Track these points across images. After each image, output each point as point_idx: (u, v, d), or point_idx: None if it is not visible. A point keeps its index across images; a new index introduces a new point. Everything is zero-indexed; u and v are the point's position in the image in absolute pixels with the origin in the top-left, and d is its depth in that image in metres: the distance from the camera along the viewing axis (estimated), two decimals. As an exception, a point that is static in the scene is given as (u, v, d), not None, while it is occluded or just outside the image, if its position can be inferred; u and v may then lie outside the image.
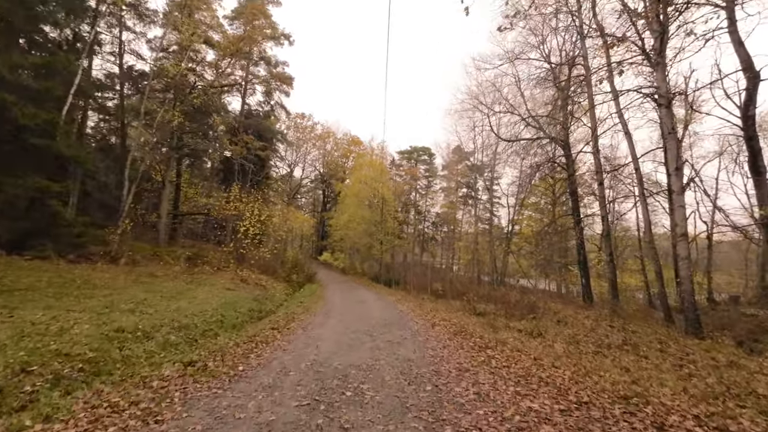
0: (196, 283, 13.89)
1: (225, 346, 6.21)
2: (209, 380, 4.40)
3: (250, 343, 6.58)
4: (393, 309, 12.32)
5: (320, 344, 6.72)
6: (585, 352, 7.98)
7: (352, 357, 5.90)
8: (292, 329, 8.04)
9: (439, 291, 18.93)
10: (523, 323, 11.50)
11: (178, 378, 4.40)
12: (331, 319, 9.76)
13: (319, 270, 27.77)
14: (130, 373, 4.58)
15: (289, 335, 7.44)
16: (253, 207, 17.49)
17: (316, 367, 5.20)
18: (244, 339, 6.82)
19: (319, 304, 12.76)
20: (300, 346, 6.51)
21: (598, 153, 17.57)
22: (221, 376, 4.60)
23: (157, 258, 16.72)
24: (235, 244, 16.99)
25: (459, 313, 12.72)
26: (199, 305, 10.59)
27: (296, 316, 10.03)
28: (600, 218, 28.93)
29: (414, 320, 10.15)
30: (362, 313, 11.06)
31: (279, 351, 6.12)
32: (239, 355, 5.70)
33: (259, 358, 5.62)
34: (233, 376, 4.63)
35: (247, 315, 11.41)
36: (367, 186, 22.61)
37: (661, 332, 10.99)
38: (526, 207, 32.73)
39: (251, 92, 24.59)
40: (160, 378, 4.36)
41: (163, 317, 8.81)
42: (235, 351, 5.92)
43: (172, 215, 22.25)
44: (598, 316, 13.93)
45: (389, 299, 15.28)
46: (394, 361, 5.75)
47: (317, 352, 6.15)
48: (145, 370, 4.87)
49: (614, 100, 15.12)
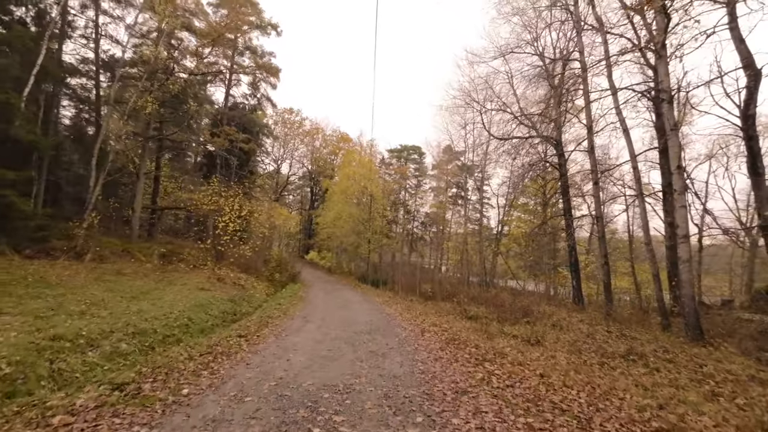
0: (166, 282, 12.68)
1: (176, 359, 5.13)
2: (135, 412, 3.33)
3: (207, 354, 5.50)
4: (379, 312, 11.32)
5: (292, 356, 5.69)
6: (590, 364, 7.14)
7: (327, 373, 4.89)
8: (263, 336, 6.98)
9: (429, 292, 18.02)
10: (518, 328, 10.66)
11: (93, 410, 3.32)
12: (309, 323, 8.71)
13: (304, 269, 26.60)
14: (33, 401, 3.47)
15: (258, 344, 6.38)
16: (233, 202, 16.31)
17: (281, 390, 4.17)
18: (203, 349, 5.74)
19: (299, 306, 11.69)
20: (267, 359, 5.47)
21: (594, 151, 16.86)
22: (155, 404, 3.54)
23: (128, 255, 15.41)
24: (213, 240, 15.78)
25: (450, 317, 11.79)
26: (165, 307, 9.44)
27: (271, 320, 8.95)
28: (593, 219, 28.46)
29: (402, 325, 9.17)
30: (345, 317, 10.03)
31: (241, 366, 5.07)
32: (189, 372, 4.63)
33: (214, 376, 4.56)
34: (171, 405, 3.58)
35: (220, 318, 10.30)
36: (355, 182, 21.50)
37: (662, 339, 10.27)
38: (516, 208, 32.11)
39: (236, 83, 23.34)
40: (69, 410, 3.27)
41: (118, 321, 7.66)
42: (186, 366, 4.84)
43: (150, 210, 20.89)
44: (593, 320, 13.24)
45: (375, 301, 14.27)
46: (377, 379, 4.76)
47: (287, 367, 5.12)
48: (61, 394, 3.78)
49: (612, 95, 14.39)
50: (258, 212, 17.17)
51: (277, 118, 33.38)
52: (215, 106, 22.27)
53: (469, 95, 23.21)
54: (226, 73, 22.49)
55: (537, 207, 31.19)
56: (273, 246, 32.15)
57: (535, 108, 22.14)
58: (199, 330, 8.81)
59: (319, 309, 11.22)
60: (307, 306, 11.76)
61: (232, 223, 16.10)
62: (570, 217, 20.98)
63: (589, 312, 16.07)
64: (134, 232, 17.09)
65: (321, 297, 14.33)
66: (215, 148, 19.07)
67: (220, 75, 21.90)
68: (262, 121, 24.83)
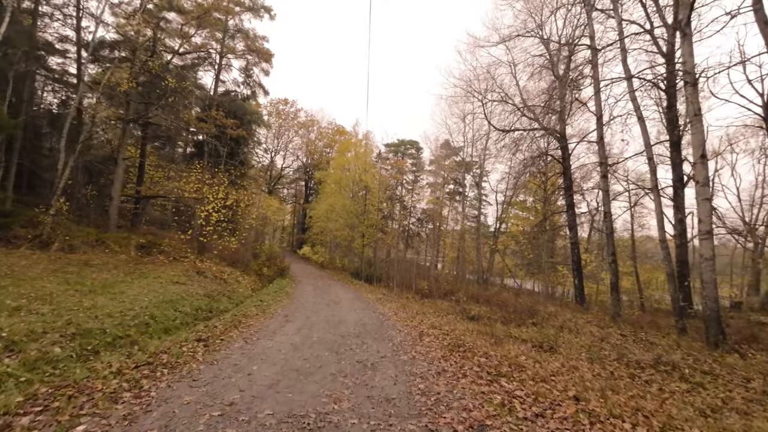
0: (137, 274, 11.31)
1: (99, 373, 3.82)
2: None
3: (145, 366, 4.19)
4: (371, 311, 10.04)
5: (257, 369, 4.40)
6: (618, 376, 5.95)
7: (297, 395, 3.61)
8: (229, 340, 5.67)
9: (425, 290, 16.77)
10: (525, 331, 9.45)
11: None
12: (290, 323, 7.41)
13: (296, 264, 25.26)
14: None
15: (219, 351, 5.08)
16: (218, 190, 14.94)
17: (224, 425, 2.89)
18: (143, 358, 4.43)
19: (282, 302, 10.37)
20: (223, 374, 4.17)
21: (603, 142, 15.64)
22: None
23: (102, 245, 14.02)
24: (195, 231, 14.42)
25: (449, 317, 10.53)
26: (126, 302, 8.11)
27: (246, 319, 7.64)
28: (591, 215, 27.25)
29: (396, 327, 7.90)
30: (333, 316, 8.75)
31: (183, 384, 3.77)
32: (105, 394, 3.32)
33: (138, 401, 3.26)
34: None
35: (191, 316, 8.98)
36: (349, 173, 20.09)
37: (684, 344, 9.12)
38: (514, 205, 30.94)
39: (226, 68, 21.87)
40: None
41: (59, 319, 6.33)
42: (106, 384, 3.54)
43: (134, 198, 19.44)
44: (600, 322, 12.11)
45: (368, 298, 12.98)
46: (363, 404, 3.49)
47: (245, 385, 3.83)
48: None
49: (627, 80, 13.17)
50: (245, 202, 15.78)
51: (271, 108, 31.96)
52: (204, 91, 20.79)
53: (469, 85, 21.98)
54: (215, 57, 21.04)
55: (536, 204, 30.10)
56: (266, 240, 30.79)
57: (537, 100, 20.96)
58: (163, 329, 7.49)
59: (305, 306, 9.92)
60: (292, 303, 10.44)
61: (216, 213, 14.73)
62: (573, 213, 19.81)
63: (594, 313, 14.93)
64: (112, 222, 15.67)
65: (309, 293, 13.03)
66: (202, 133, 17.66)
67: (208, 57, 20.45)
68: (255, 110, 23.40)
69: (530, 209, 30.46)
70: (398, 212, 35.72)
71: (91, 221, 17.23)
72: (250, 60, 21.78)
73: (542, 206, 26.32)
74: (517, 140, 22.08)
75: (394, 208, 34.81)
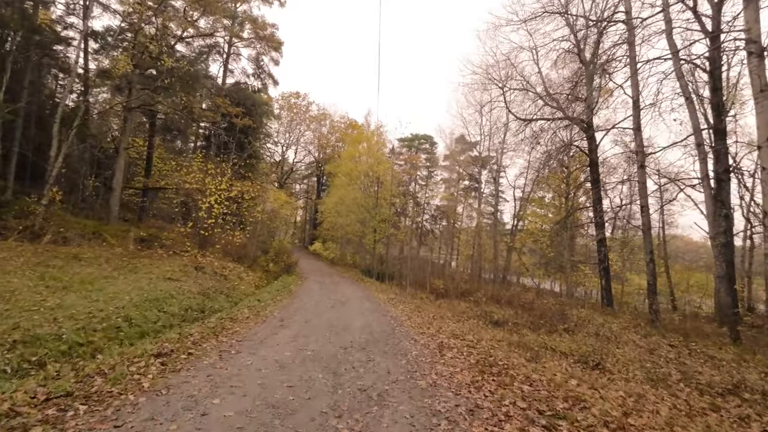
0: (128, 269, 10.23)
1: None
2: None
3: (61, 399, 2.92)
4: (381, 314, 8.69)
5: (217, 404, 3.09)
6: (700, 410, 4.46)
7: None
8: (199, 356, 4.37)
9: (441, 289, 15.34)
10: (559, 341, 7.98)
11: None
12: (284, 330, 6.12)
13: (306, 260, 24.13)
14: None
15: (178, 372, 3.79)
16: (221, 181, 13.81)
17: None
18: (62, 386, 3.16)
19: (282, 303, 9.11)
20: (165, 412, 2.88)
21: (640, 128, 13.88)
22: None
23: (99, 238, 13.06)
24: (195, 224, 13.33)
25: (470, 322, 9.09)
26: (100, 302, 6.95)
27: (233, 323, 6.36)
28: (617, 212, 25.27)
29: (410, 335, 6.52)
30: (337, 319, 7.43)
31: None
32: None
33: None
34: None
35: (178, 317, 7.78)
36: (360, 164, 18.71)
37: (750, 358, 7.56)
38: (531, 203, 29.14)
39: (235, 57, 20.82)
40: None
41: (5, 322, 5.20)
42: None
43: (141, 191, 18.57)
44: (638, 328, 10.55)
45: (378, 299, 11.61)
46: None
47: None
48: None
49: (672, 55, 11.46)
50: (250, 194, 14.62)
51: (282, 102, 30.85)
52: (212, 79, 19.74)
53: (488, 73, 20.33)
54: (223, 45, 20.00)
55: (554, 201, 28.27)
56: (278, 236, 29.79)
57: (561, 89, 19.22)
58: (138, 334, 6.30)
59: (306, 308, 8.63)
60: (293, 303, 9.17)
61: (219, 204, 13.60)
62: (600, 208, 18.06)
63: (626, 316, 13.24)
64: (113, 214, 14.74)
65: (314, 292, 11.76)
66: (207, 122, 16.60)
67: (216, 46, 19.40)
68: (265, 101, 22.27)
69: (549, 206, 28.67)
70: (411, 209, 34.31)
71: (95, 213, 16.40)
72: (259, 48, 20.65)
73: (564, 202, 24.54)
74: (537, 132, 20.42)
75: (407, 204, 33.41)
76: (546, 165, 21.08)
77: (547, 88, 19.33)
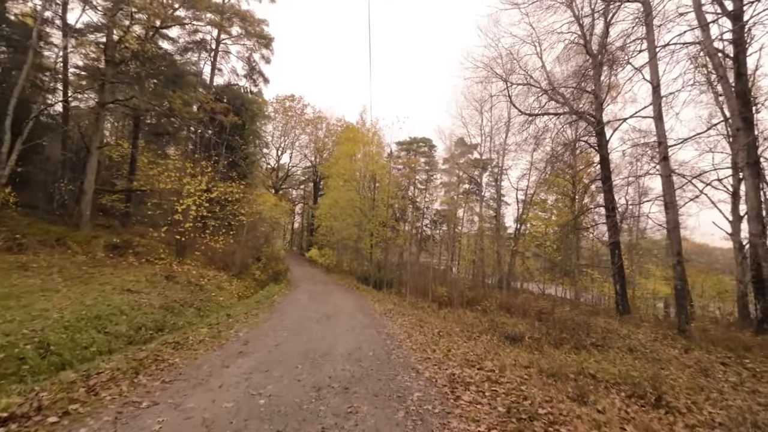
0: (82, 279, 8.62)
1: None
2: None
3: None
4: (376, 330, 7.04)
5: None
6: None
7: None
8: (83, 415, 2.76)
9: (444, 297, 13.69)
10: (593, 361, 6.38)
11: None
12: (243, 360, 4.49)
13: (301, 267, 22.46)
14: None
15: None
16: (200, 181, 12.25)
17: None
18: None
19: (258, 318, 7.45)
20: None
21: (662, 119, 12.37)
22: None
23: (63, 245, 11.45)
24: (171, 228, 11.74)
25: (483, 338, 7.44)
26: (16, 321, 5.34)
27: (176, 351, 4.73)
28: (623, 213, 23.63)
29: (411, 364, 4.88)
30: (319, 341, 5.79)
31: None
32: None
33: None
34: None
35: (124, 338, 6.13)
36: (354, 162, 17.10)
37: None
38: (534, 205, 27.54)
39: (224, 55, 19.42)
40: None
41: None
42: None
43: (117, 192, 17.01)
44: (666, 338, 8.98)
45: (375, 310, 9.93)
46: None
47: None
48: None
49: (701, 27, 10.01)
50: (233, 195, 13.04)
51: (277, 105, 29.45)
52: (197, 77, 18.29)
53: (490, 66, 18.90)
54: (210, 42, 18.61)
55: (558, 203, 26.72)
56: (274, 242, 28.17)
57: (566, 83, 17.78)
58: (57, 365, 4.68)
59: (285, 324, 6.99)
60: (271, 318, 7.52)
61: (198, 207, 12.02)
62: (613, 208, 16.45)
63: (649, 325, 11.56)
64: (84, 219, 13.14)
65: (301, 303, 10.12)
66: (192, 120, 15.10)
67: (202, 41, 18.01)
68: (254, 99, 20.83)
69: (553, 208, 27.11)
70: (411, 213, 32.73)
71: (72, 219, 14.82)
72: (248, 45, 19.25)
73: (571, 204, 22.97)
74: (541, 130, 18.95)
75: (406, 208, 31.85)
76: (552, 163, 19.59)
77: (552, 82, 17.88)
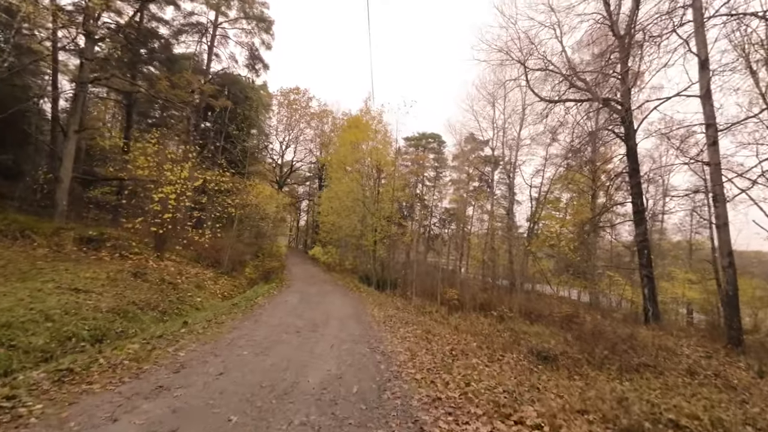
0: (28, 275, 7.12)
1: None
2: None
3: None
4: (369, 347, 5.35)
5: None
6: None
7: None
8: None
9: (454, 300, 11.96)
10: (654, 394, 4.61)
11: None
12: (150, 405, 2.88)
13: (302, 265, 20.90)
14: None
15: None
16: (182, 168, 10.75)
17: None
18: None
19: (222, 327, 5.82)
20: None
21: (710, 97, 10.46)
22: None
23: (27, 237, 10.04)
24: (147, 219, 10.25)
25: (509, 358, 5.70)
26: None
27: (64, 384, 3.13)
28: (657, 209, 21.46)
29: (416, 411, 3.20)
30: (288, 365, 4.14)
31: None
32: None
33: None
34: None
35: (37, 354, 4.58)
36: (356, 150, 15.34)
37: None
38: (549, 203, 25.55)
39: (222, 40, 17.99)
40: None
41: None
42: None
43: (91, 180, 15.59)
44: (722, 354, 7.19)
45: (374, 317, 8.22)
46: None
47: None
48: None
49: None
50: (221, 185, 11.52)
51: (281, 98, 27.99)
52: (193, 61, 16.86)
53: (506, 51, 17.08)
54: (207, 25, 17.19)
55: (574, 201, 24.67)
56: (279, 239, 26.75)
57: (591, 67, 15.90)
58: None
59: (252, 337, 5.36)
60: (239, 327, 5.89)
61: (179, 196, 10.50)
62: (642, 203, 14.52)
63: (692, 338, 9.62)
64: (58, 209, 11.75)
65: (288, 306, 8.49)
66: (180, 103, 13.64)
67: (198, 24, 16.57)
68: (255, 88, 19.38)
69: (567, 206, 25.12)
70: (418, 211, 31.00)
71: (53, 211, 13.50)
72: (247, 29, 17.77)
73: (591, 200, 20.97)
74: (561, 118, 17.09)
75: (414, 205, 30.12)
76: (573, 154, 17.67)
77: (573, 66, 15.97)
